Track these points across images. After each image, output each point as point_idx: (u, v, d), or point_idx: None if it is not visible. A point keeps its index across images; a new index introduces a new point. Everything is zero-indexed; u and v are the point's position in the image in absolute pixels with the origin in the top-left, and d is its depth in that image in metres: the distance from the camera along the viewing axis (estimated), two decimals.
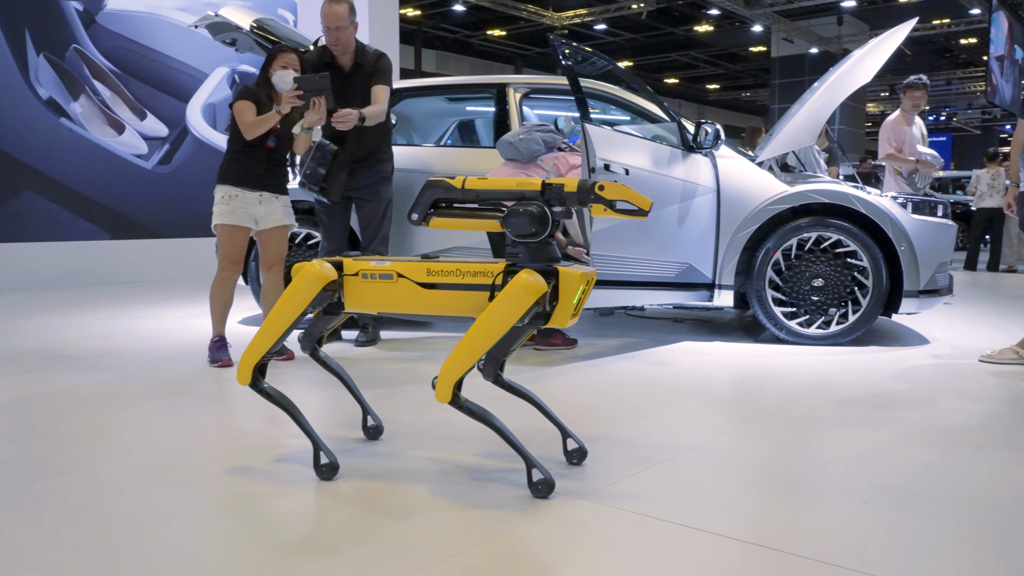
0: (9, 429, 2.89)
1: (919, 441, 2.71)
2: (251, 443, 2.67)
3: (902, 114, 6.55)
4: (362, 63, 4.26)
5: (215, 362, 3.89)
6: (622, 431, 2.80)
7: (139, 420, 2.99)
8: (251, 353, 2.31)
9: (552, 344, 4.35)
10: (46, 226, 7.67)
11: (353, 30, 4.22)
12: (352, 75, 4.25)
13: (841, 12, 19.63)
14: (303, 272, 2.27)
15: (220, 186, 3.92)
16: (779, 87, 21.51)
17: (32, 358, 4.13)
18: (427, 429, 2.81)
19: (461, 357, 2.11)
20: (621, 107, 5.09)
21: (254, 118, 3.79)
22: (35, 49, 7.55)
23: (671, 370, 3.87)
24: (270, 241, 4.00)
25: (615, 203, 2.18)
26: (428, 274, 2.24)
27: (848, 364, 3.98)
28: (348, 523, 2.00)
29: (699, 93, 31.07)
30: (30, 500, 2.15)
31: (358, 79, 4.24)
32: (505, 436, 2.15)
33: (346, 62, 4.26)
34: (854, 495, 2.19)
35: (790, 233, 4.43)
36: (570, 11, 19.73)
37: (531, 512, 2.04)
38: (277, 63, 3.90)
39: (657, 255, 4.37)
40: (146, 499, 2.16)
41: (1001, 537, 1.92)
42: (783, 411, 3.09)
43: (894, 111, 6.74)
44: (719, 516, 2.03)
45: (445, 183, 2.32)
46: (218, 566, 1.76)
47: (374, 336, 4.48)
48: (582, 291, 2.17)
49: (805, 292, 4.45)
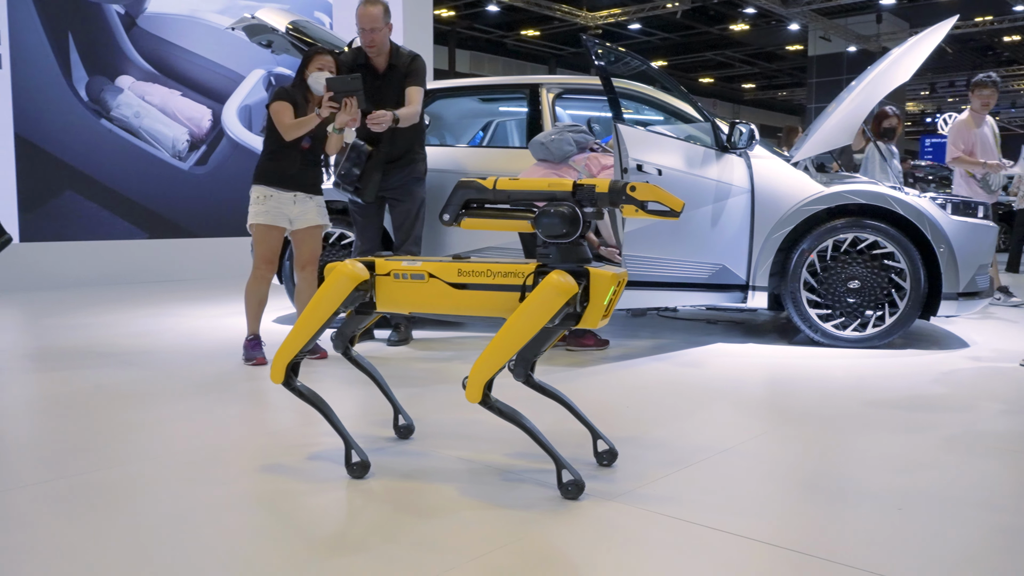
0: (50, 424, 2.95)
1: (956, 446, 2.66)
2: (284, 441, 2.70)
3: (971, 115, 6.30)
4: (396, 64, 4.28)
5: (249, 360, 3.94)
6: (653, 433, 2.79)
7: (175, 417, 3.03)
8: (284, 352, 2.34)
9: (584, 345, 4.34)
10: (86, 226, 7.81)
11: (388, 31, 4.24)
12: (386, 76, 4.28)
13: (880, 10, 19.33)
14: (335, 272, 2.29)
15: (256, 186, 3.97)
16: (816, 86, 21.24)
17: (72, 355, 4.21)
18: (457, 429, 2.82)
19: (492, 357, 2.11)
20: (654, 107, 5.06)
21: (292, 120, 3.84)
22: (77, 51, 7.70)
23: (704, 372, 3.84)
24: (304, 241, 4.04)
25: (647, 204, 2.17)
26: (459, 274, 2.24)
27: (884, 367, 3.92)
28: (378, 521, 2.02)
29: (734, 93, 30.80)
30: (69, 493, 2.19)
31: (392, 80, 4.26)
32: (535, 437, 2.15)
33: (380, 63, 4.29)
34: (889, 500, 2.15)
35: (826, 234, 4.37)
36: (604, 11, 19.66)
37: (561, 513, 2.04)
38: (313, 65, 3.93)
39: (690, 256, 4.34)
40: (180, 495, 2.19)
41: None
42: (817, 414, 3.05)
43: (963, 112, 6.50)
44: (750, 519, 2.01)
45: (476, 184, 2.32)
46: (250, 561, 1.79)
47: (406, 336, 4.51)
48: (613, 292, 2.16)
49: (841, 294, 4.39)
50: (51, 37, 7.53)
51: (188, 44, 8.42)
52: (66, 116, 7.65)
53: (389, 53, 4.29)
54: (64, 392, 3.39)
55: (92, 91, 7.81)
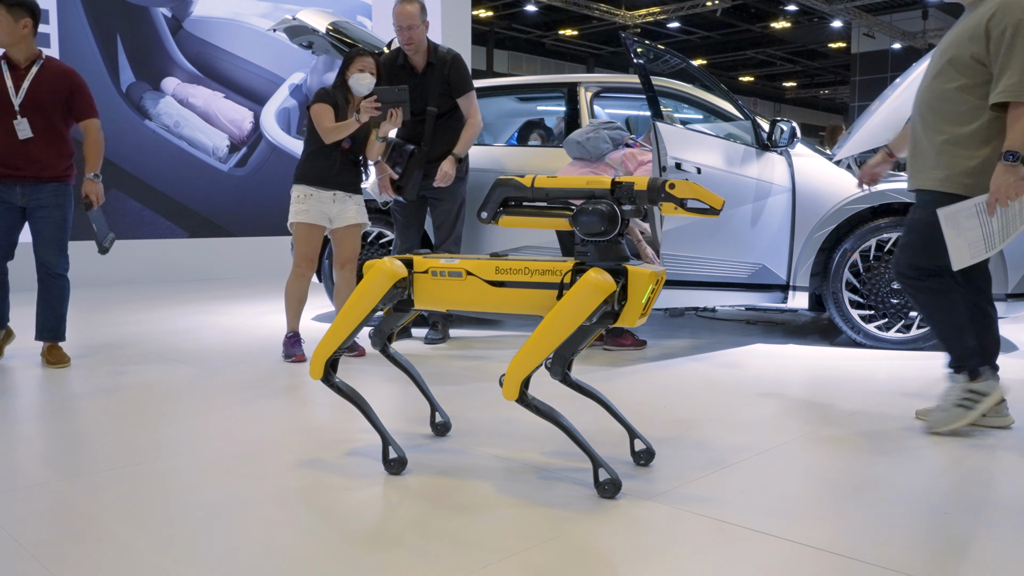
0: (96, 417, 3.02)
1: (1003, 451, 2.59)
2: (322, 437, 2.73)
3: None
4: (435, 62, 4.31)
5: (289, 357, 3.98)
6: (691, 433, 2.77)
7: (216, 412, 3.08)
8: (323, 348, 2.36)
9: (621, 344, 4.31)
10: (130, 224, 7.97)
11: (425, 29, 4.27)
12: (425, 74, 4.31)
13: (926, 6, 18.97)
14: (374, 269, 2.31)
15: (296, 185, 4.02)
16: (859, 84, 20.91)
17: (115, 351, 4.30)
18: (494, 426, 2.83)
19: (529, 355, 2.11)
20: (694, 105, 5.02)
21: (333, 123, 3.88)
22: (125, 54, 7.86)
23: (743, 372, 3.80)
24: (344, 239, 4.08)
25: (686, 202, 2.16)
26: (497, 272, 2.25)
27: (929, 370, 3.84)
28: (415, 517, 2.03)
29: (776, 91, 30.44)
30: (114, 485, 2.24)
31: (431, 78, 4.29)
32: (572, 435, 2.15)
33: (419, 62, 4.31)
34: (934, 505, 2.11)
35: (869, 234, 4.30)
36: (643, 9, 19.57)
37: (597, 512, 2.03)
38: (354, 67, 3.96)
39: (729, 255, 4.29)
40: (220, 489, 2.22)
41: None
42: (859, 416, 3.00)
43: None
44: (789, 521, 1.99)
45: (515, 182, 2.32)
46: (287, 555, 1.81)
47: (444, 334, 4.52)
48: (651, 290, 2.15)
49: (884, 295, 4.32)
50: (100, 40, 7.69)
51: (232, 47, 8.54)
52: (113, 117, 7.80)
53: (427, 51, 4.32)
54: (108, 387, 3.46)
55: (138, 92, 7.97)
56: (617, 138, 4.44)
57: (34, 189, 3.79)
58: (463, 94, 4.33)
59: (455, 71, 4.31)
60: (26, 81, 3.73)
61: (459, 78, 4.32)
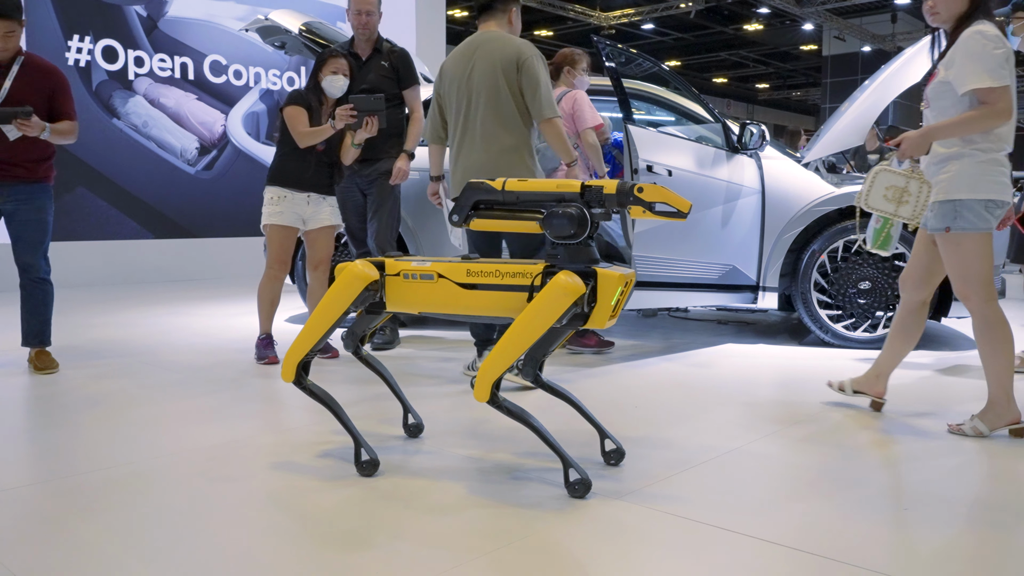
0: (62, 422, 2.99)
1: (964, 447, 2.65)
2: (294, 439, 2.73)
3: None
4: (380, 49, 4.32)
5: (261, 359, 3.97)
6: (661, 433, 2.80)
7: (188, 414, 3.07)
8: (295, 351, 2.37)
9: (585, 345, 4.31)
10: (96, 224, 7.88)
11: (379, 19, 4.30)
12: (369, 60, 4.29)
13: (895, 9, 19.21)
14: (346, 272, 2.32)
15: (269, 187, 4.00)
16: (831, 86, 21.13)
17: (85, 353, 4.26)
18: (466, 428, 2.84)
19: (500, 357, 2.13)
20: (665, 108, 5.07)
21: (307, 127, 3.87)
22: (96, 52, 7.76)
23: (713, 372, 3.85)
24: (317, 241, 4.07)
25: (654, 205, 2.19)
26: (468, 275, 2.26)
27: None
28: (387, 518, 2.04)
29: (749, 93, 30.67)
30: (84, 489, 2.22)
31: (373, 62, 4.28)
32: (543, 436, 2.17)
33: (365, 50, 4.31)
34: (895, 500, 2.16)
35: (837, 235, 4.37)
36: (617, 11, 19.64)
37: (568, 511, 2.06)
38: (327, 68, 3.95)
39: (701, 256, 4.34)
40: (193, 491, 2.22)
41: None
42: (826, 415, 3.06)
43: None
44: (757, 519, 2.03)
45: (486, 185, 2.34)
46: (260, 558, 1.81)
47: (392, 338, 4.44)
48: (621, 292, 2.18)
49: (851, 295, 4.39)
50: (69, 36, 7.59)
51: (205, 48, 8.48)
52: (83, 114, 7.71)
53: (375, 41, 4.33)
54: (79, 389, 3.44)
55: (108, 91, 7.88)
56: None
57: (13, 190, 3.68)
58: (410, 86, 4.31)
59: (403, 62, 4.30)
60: (7, 80, 3.59)
61: (407, 69, 4.31)
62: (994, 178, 2.66)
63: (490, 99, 3.48)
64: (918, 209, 2.76)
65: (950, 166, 2.69)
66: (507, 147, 3.48)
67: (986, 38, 2.60)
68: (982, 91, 2.58)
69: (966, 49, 2.61)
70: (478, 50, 3.53)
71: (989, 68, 2.57)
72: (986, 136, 2.65)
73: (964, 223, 2.68)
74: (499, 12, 3.59)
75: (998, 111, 2.58)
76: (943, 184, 2.71)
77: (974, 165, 2.66)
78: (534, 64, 3.44)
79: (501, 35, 3.55)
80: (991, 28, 2.63)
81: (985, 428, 2.75)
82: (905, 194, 2.77)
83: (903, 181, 2.77)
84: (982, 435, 2.75)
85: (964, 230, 2.68)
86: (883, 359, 3.08)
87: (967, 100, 2.64)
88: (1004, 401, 2.73)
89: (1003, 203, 2.68)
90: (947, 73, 2.67)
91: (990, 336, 2.75)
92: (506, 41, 3.50)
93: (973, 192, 2.65)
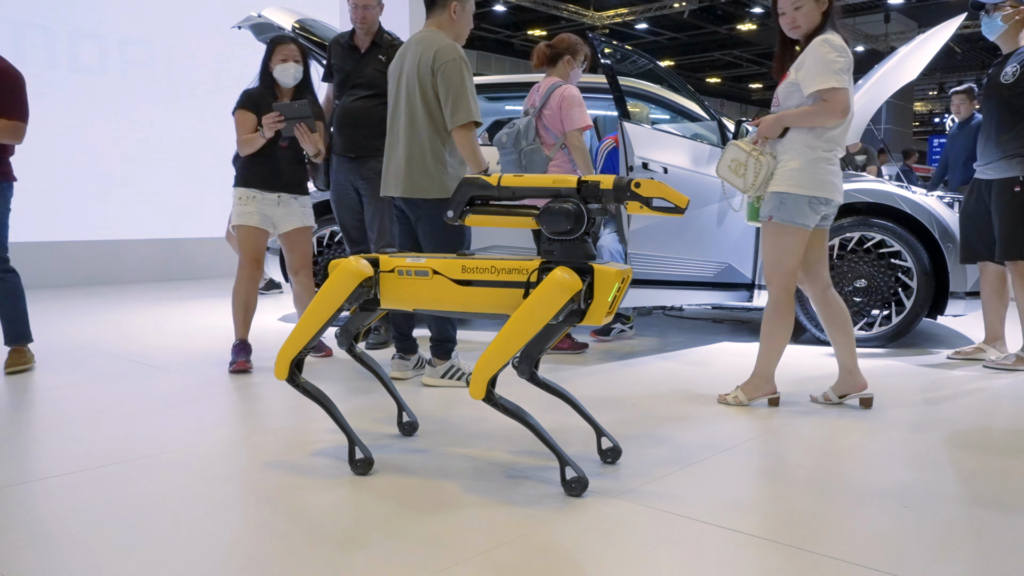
0: (49, 421, 2.96)
1: (964, 445, 2.65)
2: (287, 438, 2.70)
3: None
4: (379, 43, 4.22)
5: (231, 366, 3.78)
6: (658, 431, 2.79)
7: (178, 413, 3.04)
8: (288, 349, 2.34)
9: (558, 348, 4.22)
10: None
11: (379, 11, 4.21)
12: (367, 53, 4.19)
13: (888, 9, 19.28)
14: (340, 268, 2.29)
15: (237, 188, 3.85)
16: None
17: (70, 353, 4.22)
18: (461, 426, 2.82)
19: (495, 354, 2.11)
20: (661, 106, 5.05)
21: (247, 133, 3.77)
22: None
23: (709, 371, 3.84)
24: (294, 245, 3.93)
25: (651, 200, 2.17)
26: (463, 271, 2.24)
27: (891, 366, 3.91)
28: (382, 518, 2.02)
29: (742, 92, 30.73)
30: (73, 490, 2.20)
31: (370, 56, 4.18)
32: (539, 433, 2.15)
33: (365, 42, 4.20)
34: (895, 499, 2.14)
35: (832, 233, 4.36)
36: (611, 10, 19.66)
37: (564, 510, 2.04)
38: (276, 57, 3.81)
39: (696, 254, 4.33)
40: (185, 491, 2.19)
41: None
42: (822, 413, 3.04)
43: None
44: (754, 517, 2.01)
45: (481, 181, 2.32)
46: (254, 557, 1.79)
47: (386, 338, 4.38)
48: (617, 289, 2.16)
49: (847, 293, 4.38)
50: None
51: None
52: None
53: (375, 34, 4.23)
54: (63, 387, 3.40)
55: None
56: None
57: None
58: None
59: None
60: None
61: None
62: (822, 177, 2.95)
63: (409, 104, 3.38)
64: (748, 183, 3.02)
65: (785, 161, 2.98)
66: (414, 154, 3.36)
67: (832, 47, 2.91)
68: (825, 91, 2.87)
69: (814, 55, 2.91)
70: (408, 51, 3.45)
71: (833, 71, 2.88)
72: (819, 137, 2.94)
73: (785, 215, 2.96)
74: (438, 8, 3.45)
75: (838, 109, 2.89)
76: (776, 177, 2.99)
77: (805, 163, 2.94)
78: (449, 68, 3.28)
79: (430, 36, 3.40)
80: (838, 39, 2.94)
81: (745, 397, 3.13)
82: (743, 167, 3.03)
83: (744, 156, 3.03)
84: (742, 403, 3.12)
85: (784, 221, 2.96)
86: (841, 357, 3.16)
87: (811, 100, 2.94)
88: (766, 375, 3.11)
89: (828, 201, 2.96)
90: (796, 75, 2.96)
91: (776, 320, 3.08)
92: (429, 43, 3.36)
93: (799, 187, 2.94)
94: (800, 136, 2.96)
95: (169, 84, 8.28)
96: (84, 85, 7.71)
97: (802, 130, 2.96)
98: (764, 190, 3.01)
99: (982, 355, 4.00)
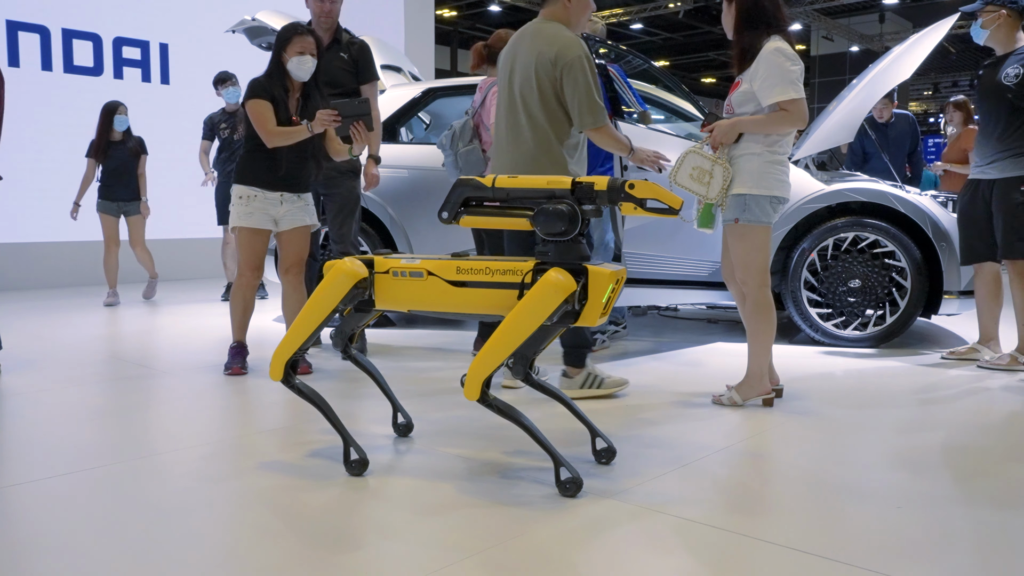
0: (44, 423, 2.95)
1: (958, 445, 2.66)
2: (282, 439, 2.70)
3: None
4: (339, 39, 4.15)
5: (226, 369, 3.71)
6: (652, 431, 2.79)
7: (174, 414, 3.04)
8: (283, 350, 2.34)
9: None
10: None
11: (339, 6, 4.13)
12: (328, 49, 4.07)
13: (883, 9, 19.32)
14: (335, 269, 2.30)
15: (237, 186, 3.65)
16: (819, 86, 21.23)
17: (63, 354, 4.22)
18: (456, 427, 2.82)
19: (490, 355, 2.11)
20: (655, 105, 5.06)
21: (276, 127, 3.51)
22: None
23: (704, 371, 3.84)
24: (291, 242, 3.73)
25: (645, 201, 2.17)
26: (458, 272, 2.24)
27: (885, 366, 3.92)
28: (376, 518, 2.02)
29: None
30: (71, 490, 2.19)
31: (332, 53, 4.08)
32: (533, 434, 2.15)
33: (325, 39, 4.10)
34: (888, 499, 2.15)
35: (826, 233, 4.37)
36: (606, 10, 19.66)
37: (559, 510, 2.04)
38: (292, 49, 3.54)
39: (690, 254, 4.34)
40: (180, 491, 2.19)
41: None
42: (817, 413, 3.05)
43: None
44: (748, 518, 2.01)
45: (475, 181, 2.32)
46: (249, 557, 1.79)
47: (360, 346, 4.20)
48: (611, 290, 2.16)
49: (841, 293, 4.39)
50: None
51: None
52: None
53: (335, 30, 4.16)
54: (61, 390, 3.40)
55: None
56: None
57: None
58: (368, 81, 4.12)
59: (362, 55, 4.12)
60: None
61: (365, 63, 4.13)
62: (779, 177, 3.04)
63: (524, 98, 3.20)
64: (713, 191, 3.04)
65: (742, 164, 3.03)
66: (526, 152, 3.18)
67: (786, 56, 2.98)
68: (785, 102, 2.96)
69: (768, 65, 2.98)
70: (523, 44, 3.26)
71: (790, 81, 2.96)
72: (774, 142, 3.02)
73: (751, 215, 3.02)
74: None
75: (799, 119, 2.98)
76: (737, 180, 3.04)
77: (760, 164, 3.01)
78: (575, 67, 3.09)
79: (545, 28, 3.21)
80: (788, 47, 3.01)
81: (739, 398, 3.12)
82: (708, 176, 3.06)
83: (709, 164, 3.06)
84: (737, 404, 3.11)
85: (750, 222, 3.03)
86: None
87: (768, 109, 3.00)
88: (759, 376, 3.11)
89: (784, 200, 3.06)
90: (751, 85, 3.03)
91: (758, 318, 3.10)
92: (547, 36, 3.17)
93: (760, 188, 3.00)
94: (755, 140, 3.03)
95: (164, 85, 8.27)
96: (79, 85, 7.69)
97: (756, 135, 3.03)
98: (724, 197, 3.05)
99: (976, 355, 4.01)
